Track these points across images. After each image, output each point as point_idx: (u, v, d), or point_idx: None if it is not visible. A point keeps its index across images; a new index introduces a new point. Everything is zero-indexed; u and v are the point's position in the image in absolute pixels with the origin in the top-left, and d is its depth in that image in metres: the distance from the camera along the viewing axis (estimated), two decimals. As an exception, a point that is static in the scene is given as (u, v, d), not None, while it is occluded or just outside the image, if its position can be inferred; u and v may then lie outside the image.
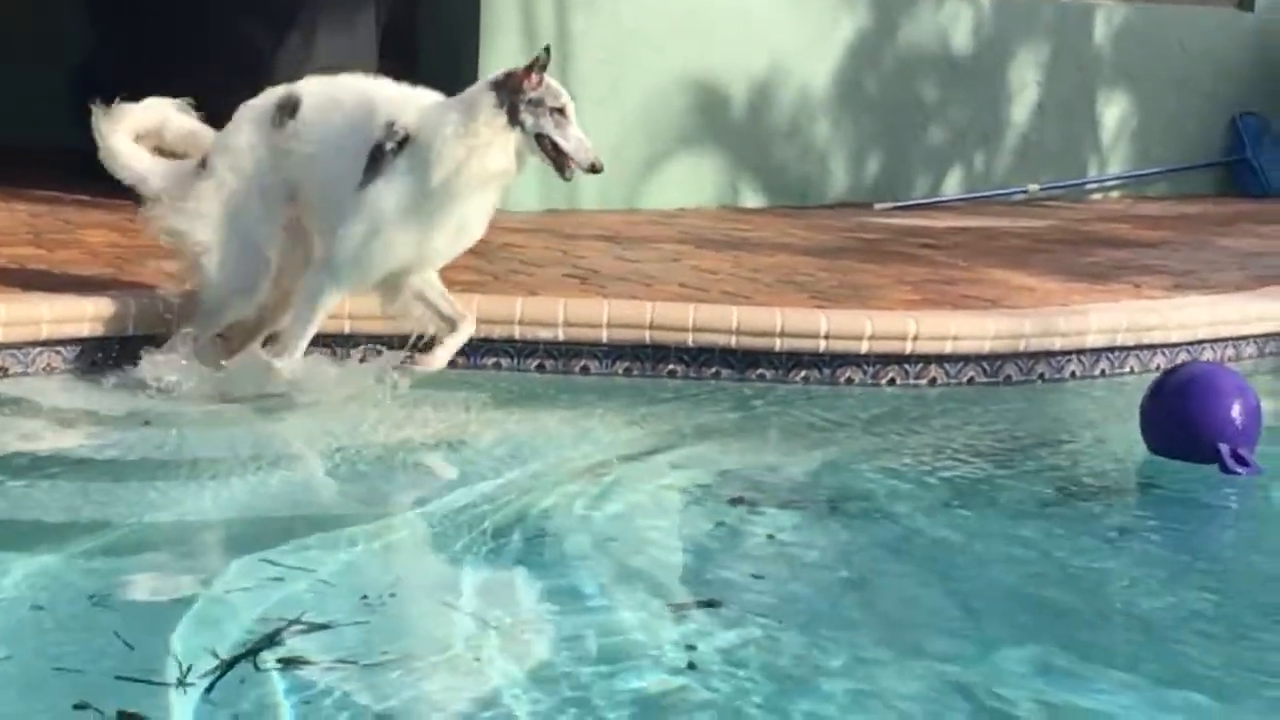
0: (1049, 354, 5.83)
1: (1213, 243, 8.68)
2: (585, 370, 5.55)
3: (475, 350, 5.49)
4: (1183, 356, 6.04)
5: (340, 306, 5.20)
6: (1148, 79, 11.45)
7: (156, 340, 5.04)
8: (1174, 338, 6.10)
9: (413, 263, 5.04)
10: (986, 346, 5.72)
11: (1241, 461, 4.59)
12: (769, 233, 8.23)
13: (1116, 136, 11.43)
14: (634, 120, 9.17)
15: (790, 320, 5.58)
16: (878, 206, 9.88)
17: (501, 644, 3.20)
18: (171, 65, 7.81)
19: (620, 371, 5.55)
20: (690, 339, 5.54)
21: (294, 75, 8.05)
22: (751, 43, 9.56)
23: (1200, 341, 6.15)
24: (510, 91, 4.86)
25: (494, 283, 6.05)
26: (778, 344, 5.54)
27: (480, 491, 4.24)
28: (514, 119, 4.86)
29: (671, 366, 5.57)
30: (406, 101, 5.05)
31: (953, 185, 10.59)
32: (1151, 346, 6.03)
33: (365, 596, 3.41)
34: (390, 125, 4.95)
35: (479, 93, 4.93)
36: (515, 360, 5.54)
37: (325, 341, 5.24)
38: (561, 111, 4.88)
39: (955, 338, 5.68)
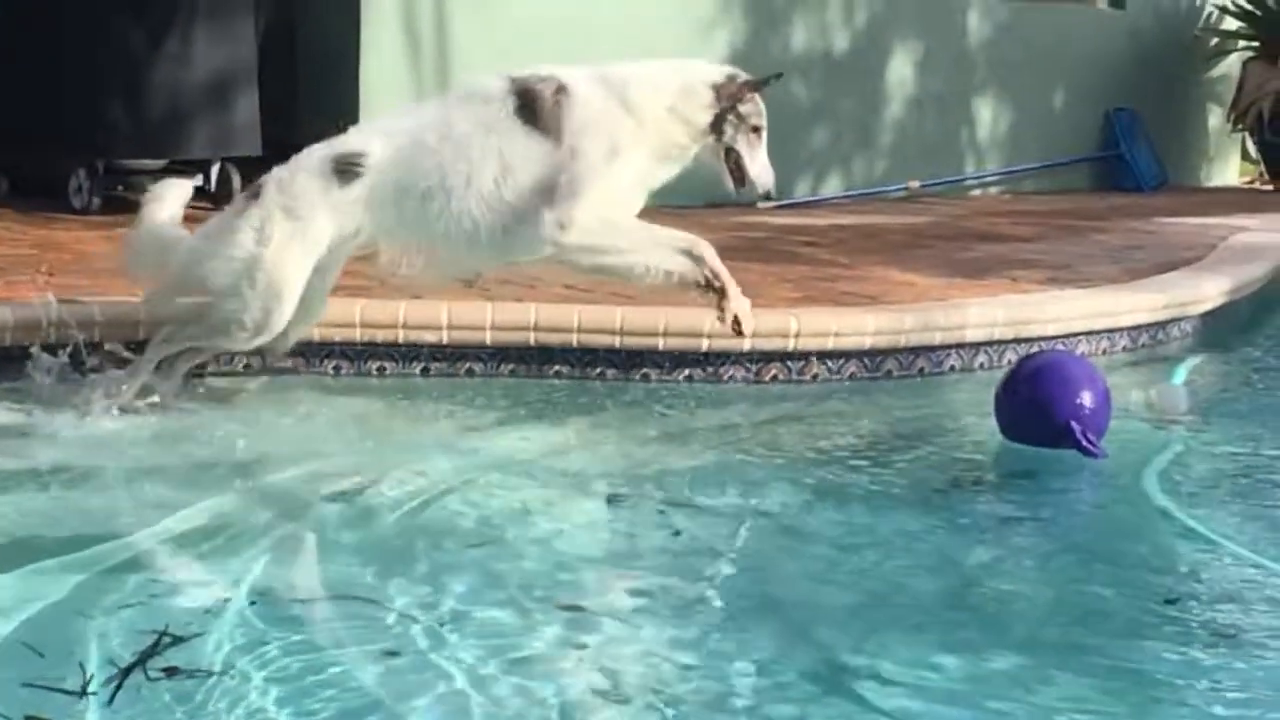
0: (929, 348, 5.91)
1: (1088, 237, 8.84)
2: (470, 373, 5.56)
3: (359, 355, 5.49)
4: (1058, 349, 6.15)
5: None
6: (1023, 75, 11.64)
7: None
8: (1050, 330, 6.20)
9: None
10: (867, 342, 5.79)
11: (1093, 444, 4.69)
12: (653, 233, 8.25)
13: (994, 133, 11.61)
14: (517, 122, 9.19)
15: (674, 320, 5.62)
16: (760, 205, 9.94)
17: (366, 648, 3.19)
18: (48, 73, 7.75)
19: (506, 373, 5.57)
20: (575, 340, 5.57)
21: (172, 82, 8.04)
22: (633, 45, 9.57)
23: (1075, 334, 6.25)
24: (728, 97, 4.70)
25: (378, 287, 6.03)
26: (661, 343, 5.58)
27: (355, 495, 4.24)
28: (717, 126, 4.72)
29: (557, 367, 5.59)
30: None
31: (834, 183, 10.71)
32: (1029, 339, 6.11)
33: (223, 602, 3.39)
34: (516, 83, 4.71)
35: (696, 81, 4.73)
36: (400, 364, 5.53)
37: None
38: (758, 131, 4.76)
39: (836, 334, 5.74)
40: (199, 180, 8.43)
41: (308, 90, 9.15)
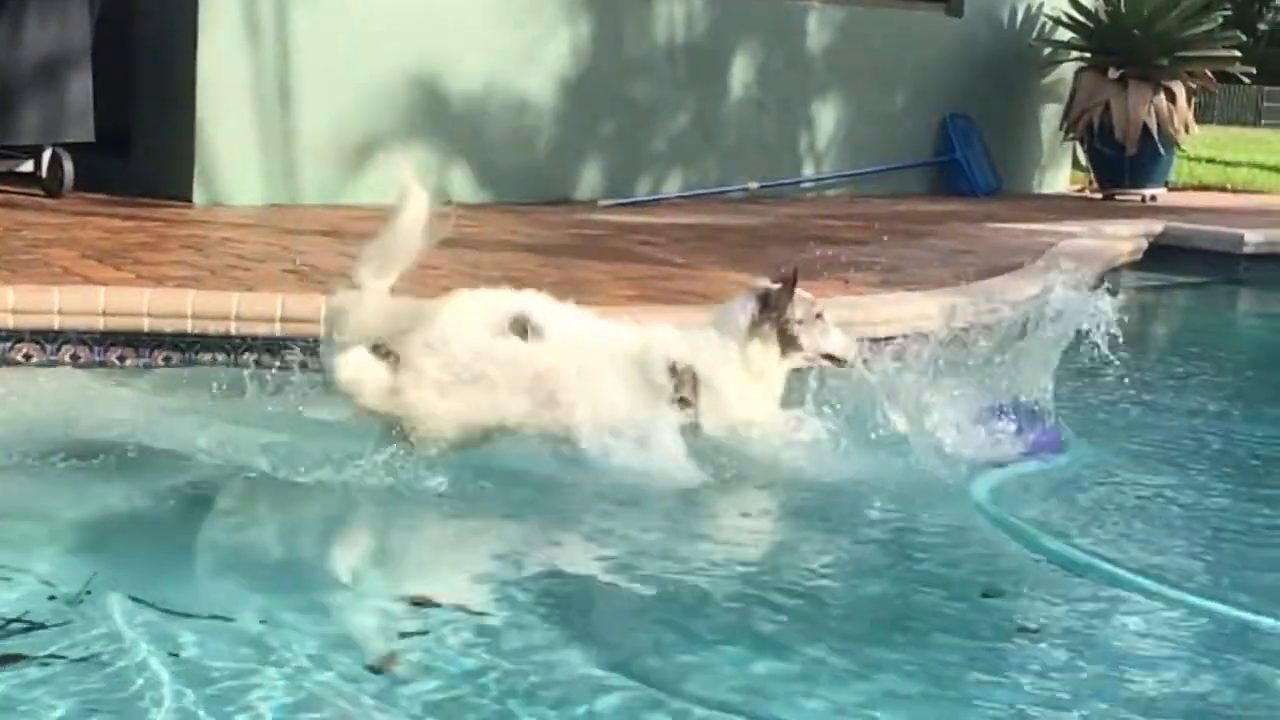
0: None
1: (921, 240, 8.99)
2: (304, 365, 5.52)
3: (190, 347, 5.44)
4: (888, 350, 6.24)
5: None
6: (862, 80, 11.81)
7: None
8: (879, 332, 6.28)
9: None
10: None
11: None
12: (491, 229, 8.27)
13: (833, 136, 11.76)
14: (358, 114, 9.15)
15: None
16: (601, 203, 10.01)
17: (192, 640, 3.18)
18: None
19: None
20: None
21: (1, 63, 7.89)
22: (476, 40, 9.61)
23: (904, 336, 6.36)
24: (774, 308, 4.69)
25: (210, 278, 5.99)
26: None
27: (183, 488, 4.20)
28: (791, 344, 4.72)
29: (390, 361, 5.57)
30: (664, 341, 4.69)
31: (676, 182, 10.79)
32: (858, 340, 6.20)
33: (57, 595, 3.36)
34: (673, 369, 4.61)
35: (734, 311, 4.72)
36: (231, 356, 5.48)
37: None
38: (820, 317, 4.79)
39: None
40: (29, 166, 8.32)
41: (144, 77, 9.03)
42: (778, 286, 4.76)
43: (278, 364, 5.30)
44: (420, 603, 3.49)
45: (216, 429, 4.68)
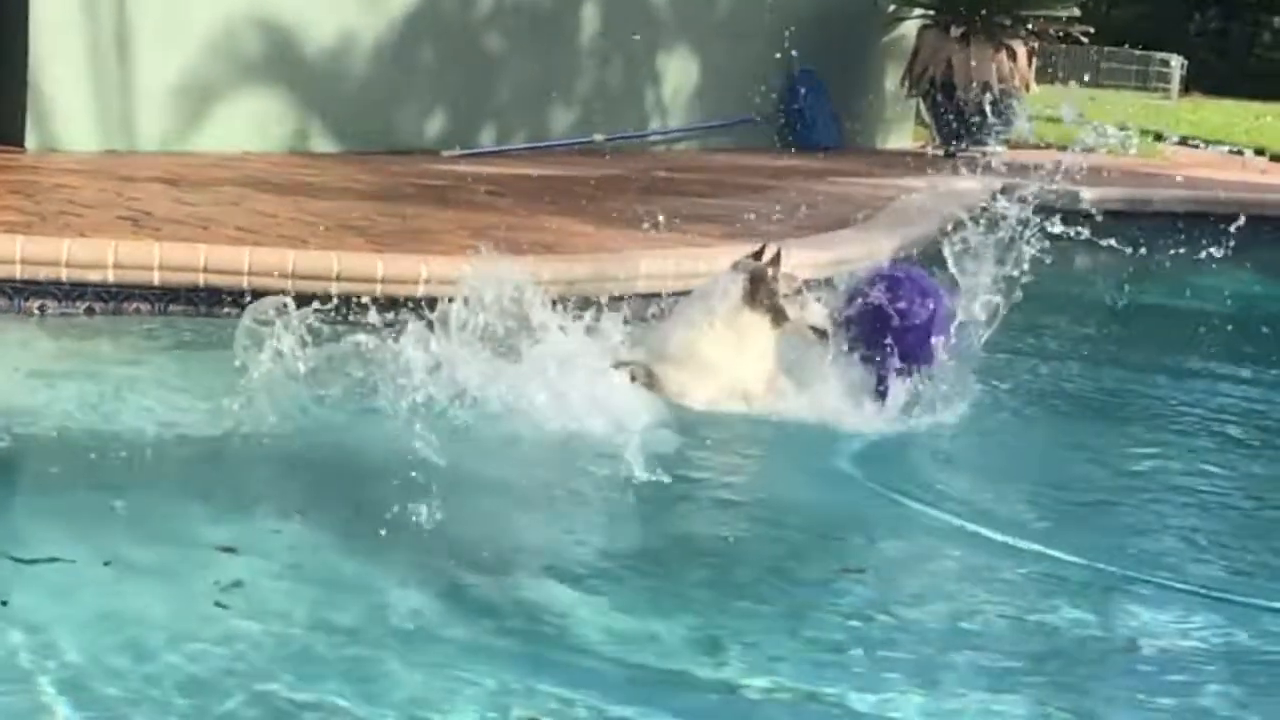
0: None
1: (764, 194, 9.05)
2: (137, 312, 5.46)
3: (19, 293, 5.34)
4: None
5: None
6: (708, 34, 11.84)
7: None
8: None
9: None
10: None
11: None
12: (333, 178, 8.20)
13: (678, 88, 11.79)
14: (198, 59, 9.01)
15: (346, 264, 5.60)
16: (445, 153, 9.95)
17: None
18: None
19: (174, 314, 5.47)
20: (245, 282, 5.50)
21: None
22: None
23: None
24: (767, 292, 4.85)
25: (41, 223, 5.88)
26: (334, 288, 5.52)
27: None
28: (780, 316, 4.87)
29: (227, 309, 5.51)
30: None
31: (521, 134, 10.75)
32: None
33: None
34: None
35: (724, 280, 4.90)
36: (63, 303, 5.39)
37: None
38: (801, 291, 4.93)
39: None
40: None
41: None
42: (763, 261, 4.91)
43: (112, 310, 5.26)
44: (228, 550, 3.49)
45: (34, 377, 4.61)
